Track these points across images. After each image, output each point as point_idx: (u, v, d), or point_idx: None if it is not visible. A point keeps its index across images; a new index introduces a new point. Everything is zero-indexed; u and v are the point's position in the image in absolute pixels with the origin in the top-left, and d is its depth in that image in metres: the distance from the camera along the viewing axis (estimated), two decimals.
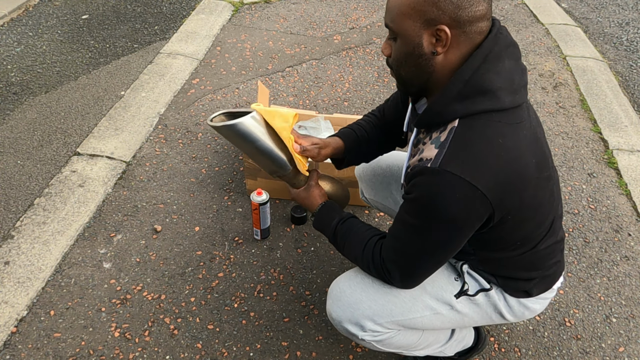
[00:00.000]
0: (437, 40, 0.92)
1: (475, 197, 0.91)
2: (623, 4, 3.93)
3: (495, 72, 0.92)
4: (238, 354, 1.51)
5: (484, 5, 0.90)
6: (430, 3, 0.89)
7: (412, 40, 0.94)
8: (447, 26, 0.90)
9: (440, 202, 0.93)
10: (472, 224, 0.96)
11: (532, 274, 1.16)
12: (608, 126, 2.55)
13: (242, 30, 3.18)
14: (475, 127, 0.92)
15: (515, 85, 0.95)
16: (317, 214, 1.26)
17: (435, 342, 1.34)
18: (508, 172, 0.92)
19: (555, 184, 1.08)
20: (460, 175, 0.90)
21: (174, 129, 2.35)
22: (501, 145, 0.91)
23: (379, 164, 1.51)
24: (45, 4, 3.35)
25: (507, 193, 0.94)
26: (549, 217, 1.09)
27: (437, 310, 1.18)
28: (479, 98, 0.92)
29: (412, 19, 0.92)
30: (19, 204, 1.92)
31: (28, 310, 1.58)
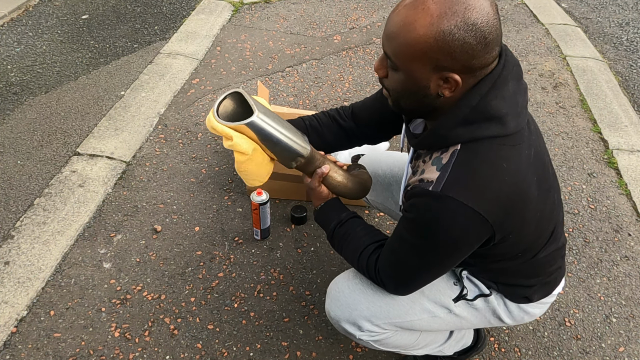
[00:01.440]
0: (444, 82, 0.88)
1: (476, 221, 0.90)
2: (623, 4, 3.93)
3: (501, 98, 0.90)
4: (238, 354, 1.51)
5: (497, 50, 0.87)
6: (444, 52, 0.83)
7: (417, 82, 0.89)
8: (458, 73, 0.86)
9: (441, 226, 0.92)
10: (471, 244, 0.96)
11: (532, 281, 1.16)
12: (608, 126, 2.55)
13: (242, 30, 3.18)
14: (478, 150, 0.91)
15: (519, 108, 0.93)
16: (318, 212, 1.25)
17: (434, 341, 1.34)
18: (511, 195, 0.91)
19: (555, 192, 1.08)
20: (462, 202, 0.88)
21: (174, 129, 2.35)
22: (505, 170, 0.90)
23: (380, 166, 1.51)
24: (45, 4, 3.35)
25: (509, 215, 0.93)
26: (549, 227, 1.08)
27: (434, 314, 1.18)
28: (485, 124, 0.90)
29: (421, 62, 0.86)
30: (19, 204, 1.92)
31: (28, 310, 1.58)
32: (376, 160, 1.53)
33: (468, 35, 0.81)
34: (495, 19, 0.83)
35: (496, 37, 0.84)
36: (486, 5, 0.82)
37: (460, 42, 0.81)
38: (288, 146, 1.13)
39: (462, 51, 0.82)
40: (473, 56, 0.84)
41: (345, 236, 1.17)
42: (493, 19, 0.83)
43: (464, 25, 0.80)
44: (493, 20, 0.83)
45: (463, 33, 0.81)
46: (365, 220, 1.94)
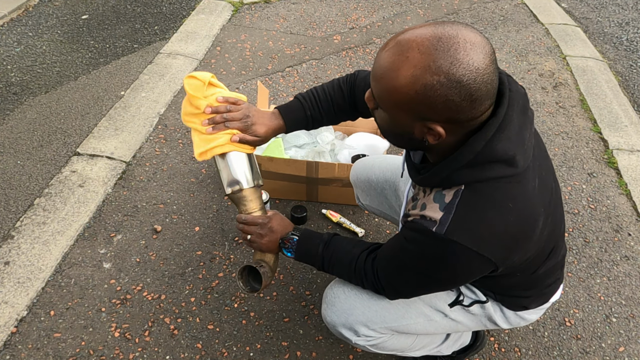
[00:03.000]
0: (428, 131, 0.84)
1: (479, 261, 0.89)
2: (623, 4, 3.93)
3: (507, 139, 0.84)
4: (238, 354, 1.51)
5: (488, 103, 0.81)
6: (426, 105, 0.79)
7: (401, 126, 0.86)
8: (443, 125, 0.82)
9: (443, 265, 0.92)
10: (473, 278, 0.98)
11: (529, 292, 1.16)
12: (608, 126, 2.55)
13: (242, 30, 3.18)
14: (483, 191, 0.87)
15: (526, 143, 0.88)
16: (299, 242, 1.19)
17: (431, 343, 1.35)
18: (517, 234, 0.89)
19: (559, 206, 1.05)
20: (467, 246, 0.86)
21: (174, 129, 2.35)
22: (510, 210, 0.86)
23: (373, 171, 1.51)
24: (45, 4, 3.35)
25: (513, 252, 0.92)
26: (550, 245, 1.07)
27: (430, 317, 1.18)
28: (491, 165, 0.85)
29: (403, 111, 0.83)
30: (19, 204, 1.92)
31: (28, 310, 1.58)
32: (369, 165, 1.54)
33: (451, 92, 0.76)
34: (487, 74, 0.77)
35: (486, 92, 0.79)
36: (477, 60, 0.76)
37: (443, 99, 0.77)
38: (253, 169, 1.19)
39: (445, 107, 0.78)
40: (457, 112, 0.79)
41: (335, 254, 1.15)
42: (483, 74, 0.77)
43: (448, 82, 0.76)
44: (483, 75, 0.77)
45: (446, 90, 0.76)
46: (365, 221, 1.94)
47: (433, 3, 3.66)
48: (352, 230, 1.88)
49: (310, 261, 1.20)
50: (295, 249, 1.20)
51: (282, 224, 1.21)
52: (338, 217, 1.92)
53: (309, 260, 1.20)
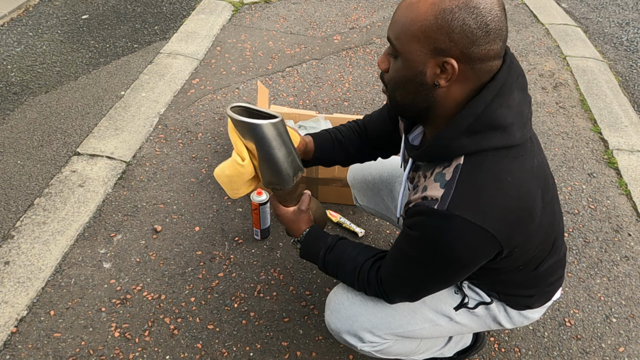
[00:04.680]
0: (441, 71, 0.85)
1: (484, 239, 0.88)
2: (623, 4, 3.93)
3: (507, 106, 0.87)
4: (238, 354, 1.51)
5: (499, 45, 0.83)
6: (443, 32, 0.81)
7: (414, 66, 0.86)
8: (456, 60, 0.83)
9: (448, 245, 0.89)
10: (478, 261, 0.94)
11: (532, 291, 1.16)
12: (608, 126, 2.55)
13: (242, 30, 3.18)
14: (482, 165, 0.88)
15: (524, 119, 0.90)
16: (303, 244, 1.20)
17: (434, 346, 1.35)
18: (517, 210, 0.89)
19: (556, 203, 1.06)
20: (470, 220, 0.85)
21: (174, 129, 2.35)
22: (510, 184, 0.87)
23: (369, 172, 1.51)
24: (45, 4, 3.35)
25: (516, 230, 0.91)
26: (551, 239, 1.07)
27: (436, 322, 1.18)
28: (491, 133, 0.87)
29: (420, 43, 0.84)
30: (19, 204, 1.92)
31: (28, 310, 1.58)
32: (366, 166, 1.54)
33: (468, 17, 0.79)
34: (499, 11, 0.81)
35: (499, 29, 0.81)
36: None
37: (460, 23, 0.79)
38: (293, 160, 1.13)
39: (461, 33, 0.80)
40: (472, 41, 0.81)
41: (338, 260, 1.14)
42: (497, 10, 0.81)
43: (466, 6, 0.79)
44: (497, 10, 0.81)
45: (464, 13, 0.79)
46: (365, 222, 1.94)
47: None
48: (352, 230, 1.88)
49: (313, 262, 1.20)
50: (300, 247, 1.21)
51: (296, 223, 1.21)
52: (338, 217, 1.92)
53: (312, 260, 1.20)
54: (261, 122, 1.07)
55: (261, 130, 1.08)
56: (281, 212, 1.21)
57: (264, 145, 1.10)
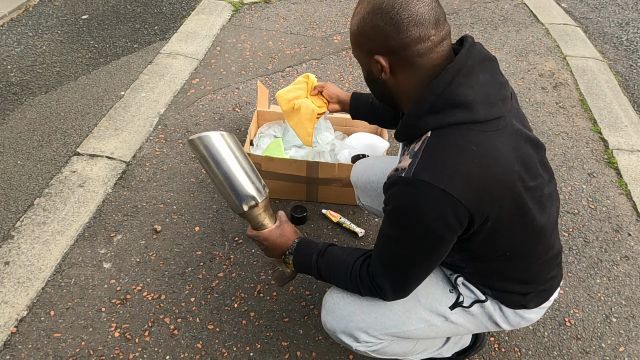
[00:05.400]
0: (376, 65, 0.97)
1: (450, 204, 0.90)
2: (623, 4, 3.93)
3: (468, 86, 0.92)
4: (238, 354, 1.51)
5: (416, 30, 0.91)
6: (363, 35, 0.96)
7: (365, 68, 1.03)
8: (382, 55, 0.95)
9: (416, 211, 0.93)
10: (452, 229, 0.95)
11: (527, 288, 1.15)
12: (608, 126, 2.55)
13: (242, 30, 3.18)
14: (447, 136, 0.93)
15: (491, 99, 0.94)
16: (295, 254, 1.19)
17: (432, 346, 1.35)
18: (483, 178, 0.91)
19: (546, 197, 1.06)
20: (433, 184, 0.89)
21: (174, 129, 2.35)
22: (474, 152, 0.91)
23: (373, 172, 1.52)
24: (45, 4, 3.35)
25: (484, 199, 0.93)
26: (542, 230, 1.07)
27: (431, 322, 1.18)
28: (452, 111, 0.92)
29: (358, 49, 1.01)
30: (19, 204, 1.92)
31: (28, 310, 1.58)
32: (370, 166, 1.55)
33: (375, 18, 0.92)
34: (405, 2, 0.90)
35: (408, 18, 0.90)
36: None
37: (370, 25, 0.93)
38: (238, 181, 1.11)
39: (375, 33, 0.93)
40: (387, 37, 0.92)
41: (330, 263, 1.14)
42: (401, 2, 0.90)
43: (372, 10, 0.93)
44: (401, 3, 0.90)
45: (371, 17, 0.93)
46: (365, 221, 1.94)
47: None
48: (352, 230, 1.88)
49: (307, 272, 1.20)
50: (293, 258, 1.20)
51: (280, 238, 1.20)
52: (338, 217, 1.92)
53: (307, 270, 1.20)
54: (194, 136, 1.10)
55: (192, 144, 1.10)
56: (263, 235, 1.19)
57: (201, 161, 1.12)
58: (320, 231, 1.90)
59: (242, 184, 1.13)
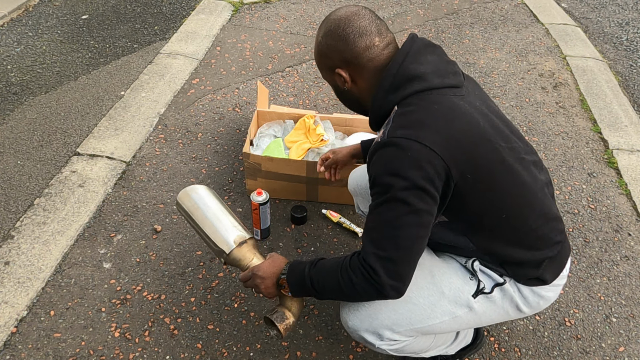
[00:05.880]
0: (339, 77, 1.13)
1: (424, 152, 0.97)
2: (623, 4, 3.93)
3: (418, 63, 1.06)
4: (238, 354, 1.51)
5: (362, 40, 1.07)
6: (323, 56, 1.13)
7: (332, 84, 1.19)
8: (340, 67, 1.11)
9: (396, 166, 0.99)
10: (430, 180, 0.98)
11: (538, 255, 1.13)
12: (608, 126, 2.55)
13: (242, 30, 3.18)
14: (410, 103, 1.05)
15: (442, 72, 1.07)
16: (289, 273, 1.16)
17: (443, 343, 1.35)
18: (450, 128, 1.00)
19: (529, 162, 1.11)
20: (405, 137, 0.98)
21: (174, 129, 2.35)
22: (437, 109, 1.02)
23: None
24: (45, 4, 3.35)
25: (456, 148, 0.99)
26: (530, 189, 1.09)
27: (455, 314, 1.18)
28: (409, 83, 1.05)
29: (323, 70, 1.17)
30: (19, 204, 1.92)
31: (28, 310, 1.58)
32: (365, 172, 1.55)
33: (327, 39, 1.10)
34: (349, 20, 1.08)
35: (353, 32, 1.07)
36: (340, 13, 1.10)
37: (325, 46, 1.12)
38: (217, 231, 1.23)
39: (331, 51, 1.11)
40: (340, 51, 1.09)
41: (322, 269, 1.11)
42: (345, 20, 1.08)
43: (324, 33, 1.11)
44: (345, 21, 1.08)
45: (324, 39, 1.11)
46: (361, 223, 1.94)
47: (433, 3, 3.66)
48: (352, 230, 1.88)
49: (303, 290, 1.15)
50: (288, 284, 1.17)
51: (272, 266, 1.19)
52: (338, 217, 1.92)
53: (303, 289, 1.15)
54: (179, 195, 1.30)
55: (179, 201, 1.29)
56: (256, 267, 1.21)
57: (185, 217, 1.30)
58: (320, 231, 1.90)
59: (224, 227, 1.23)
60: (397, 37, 3.22)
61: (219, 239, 1.21)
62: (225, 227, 1.22)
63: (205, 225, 1.22)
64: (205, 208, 1.24)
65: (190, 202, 1.25)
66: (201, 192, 1.26)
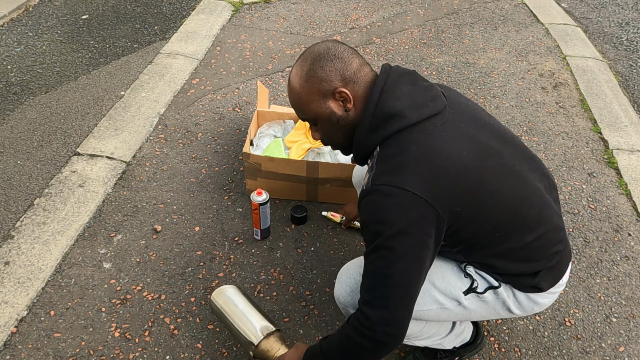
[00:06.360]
0: (342, 101, 1.07)
1: (408, 197, 0.97)
2: (623, 4, 3.93)
3: (394, 98, 1.04)
4: (238, 354, 1.50)
5: (357, 59, 1.07)
6: (314, 86, 1.06)
7: (326, 115, 1.09)
8: (342, 87, 1.06)
9: (381, 214, 0.99)
10: (419, 226, 0.98)
11: (534, 266, 1.14)
12: (608, 126, 2.55)
13: (242, 30, 3.18)
14: (390, 145, 1.04)
15: (419, 102, 1.05)
16: (305, 355, 1.18)
17: (436, 334, 1.35)
18: (431, 168, 0.99)
19: (525, 170, 1.10)
20: (387, 184, 0.99)
21: (174, 129, 2.35)
22: (416, 150, 1.01)
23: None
24: (45, 4, 3.35)
25: (440, 187, 0.99)
26: (522, 206, 1.08)
27: (444, 305, 1.19)
28: (388, 122, 1.03)
29: (314, 102, 1.08)
30: (19, 204, 1.92)
31: (28, 310, 1.58)
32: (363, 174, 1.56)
33: (321, 63, 1.05)
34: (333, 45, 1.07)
35: (344, 51, 1.06)
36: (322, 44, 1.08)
37: (319, 72, 1.05)
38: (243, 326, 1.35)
39: (327, 74, 1.05)
40: (338, 70, 1.05)
41: (330, 338, 1.13)
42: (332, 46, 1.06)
43: (313, 62, 1.06)
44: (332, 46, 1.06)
45: (316, 66, 1.05)
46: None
47: (433, 3, 3.66)
48: (356, 227, 1.88)
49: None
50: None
51: (296, 352, 1.24)
52: (339, 217, 1.92)
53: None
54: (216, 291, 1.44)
55: (212, 300, 1.43)
56: (283, 357, 1.27)
57: (216, 314, 1.43)
58: (320, 231, 1.90)
59: (253, 322, 1.35)
60: (398, 37, 3.22)
61: (248, 331, 1.33)
62: (253, 321, 1.35)
63: (235, 320, 1.36)
64: (234, 306, 1.39)
65: (222, 300, 1.41)
66: (231, 291, 1.43)
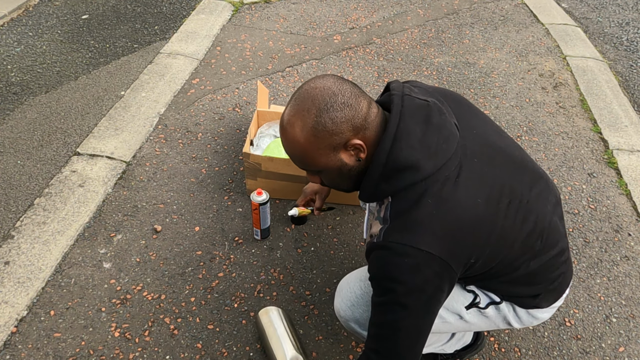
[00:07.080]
0: (354, 150, 0.99)
1: (421, 256, 0.94)
2: (623, 4, 3.93)
3: (409, 147, 0.96)
4: (238, 354, 1.51)
5: (364, 100, 0.97)
6: (321, 139, 0.96)
7: (336, 166, 1.01)
8: (355, 137, 0.97)
9: (394, 272, 0.96)
10: (435, 285, 0.96)
11: (535, 290, 1.15)
12: (608, 126, 2.55)
13: (242, 30, 3.18)
14: (404, 198, 0.98)
15: (433, 149, 0.97)
16: None
17: (438, 341, 1.36)
18: (444, 224, 0.95)
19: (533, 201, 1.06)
20: (402, 243, 0.94)
21: (174, 129, 2.35)
22: (431, 205, 0.95)
23: None
24: (45, 4, 3.35)
25: (454, 244, 0.96)
26: (530, 237, 1.06)
27: (445, 319, 1.19)
28: (401, 174, 0.97)
29: (324, 156, 0.99)
30: (19, 204, 1.92)
31: (28, 310, 1.58)
32: None
33: (328, 114, 0.94)
34: (336, 86, 0.95)
35: (348, 95, 0.95)
36: (321, 84, 0.96)
37: (327, 124, 0.94)
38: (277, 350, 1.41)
39: (335, 125, 0.94)
40: (348, 119, 0.95)
41: None
42: (335, 89, 0.95)
43: (317, 113, 0.94)
44: (335, 89, 0.95)
45: (322, 117, 0.94)
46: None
47: (433, 3, 3.66)
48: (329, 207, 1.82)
49: None
50: None
51: None
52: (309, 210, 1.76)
53: None
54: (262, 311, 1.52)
55: (257, 317, 1.51)
56: None
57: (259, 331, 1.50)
58: (320, 231, 1.90)
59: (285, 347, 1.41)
60: (398, 37, 3.22)
61: (279, 355, 1.39)
62: (286, 348, 1.40)
63: (272, 343, 1.42)
64: (273, 329, 1.45)
65: (265, 320, 1.48)
66: (275, 313, 1.49)
